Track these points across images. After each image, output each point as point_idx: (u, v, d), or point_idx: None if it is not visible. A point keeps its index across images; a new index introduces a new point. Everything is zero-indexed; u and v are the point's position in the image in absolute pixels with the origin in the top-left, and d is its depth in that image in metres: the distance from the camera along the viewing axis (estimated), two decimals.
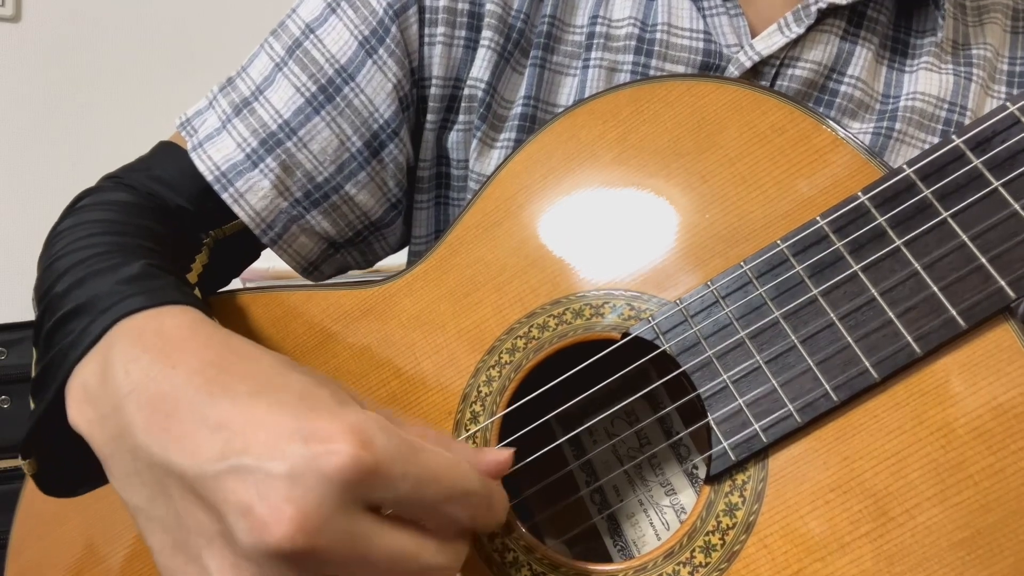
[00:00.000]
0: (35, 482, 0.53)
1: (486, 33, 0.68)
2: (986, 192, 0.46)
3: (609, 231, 0.55)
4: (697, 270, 0.52)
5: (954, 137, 0.48)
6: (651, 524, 0.57)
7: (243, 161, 0.66)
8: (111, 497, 0.61)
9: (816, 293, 0.48)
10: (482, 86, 0.68)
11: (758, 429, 0.47)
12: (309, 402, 0.39)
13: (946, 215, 0.47)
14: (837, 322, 0.47)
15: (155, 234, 0.62)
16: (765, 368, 0.48)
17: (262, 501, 0.36)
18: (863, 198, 0.49)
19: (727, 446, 0.48)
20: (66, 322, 0.51)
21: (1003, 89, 0.67)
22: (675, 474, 0.58)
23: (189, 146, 0.68)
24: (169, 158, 0.69)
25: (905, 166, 0.48)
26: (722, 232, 0.52)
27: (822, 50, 0.65)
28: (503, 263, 0.57)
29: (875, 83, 0.66)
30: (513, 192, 0.58)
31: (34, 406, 0.52)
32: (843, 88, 0.65)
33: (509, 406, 0.54)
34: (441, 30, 0.67)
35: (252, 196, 0.67)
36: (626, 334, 0.52)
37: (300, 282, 0.72)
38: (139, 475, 0.42)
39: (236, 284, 0.72)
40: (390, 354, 0.58)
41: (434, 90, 0.69)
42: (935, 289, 0.46)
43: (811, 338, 0.48)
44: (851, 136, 0.52)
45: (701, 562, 0.47)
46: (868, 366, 0.46)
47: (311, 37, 0.68)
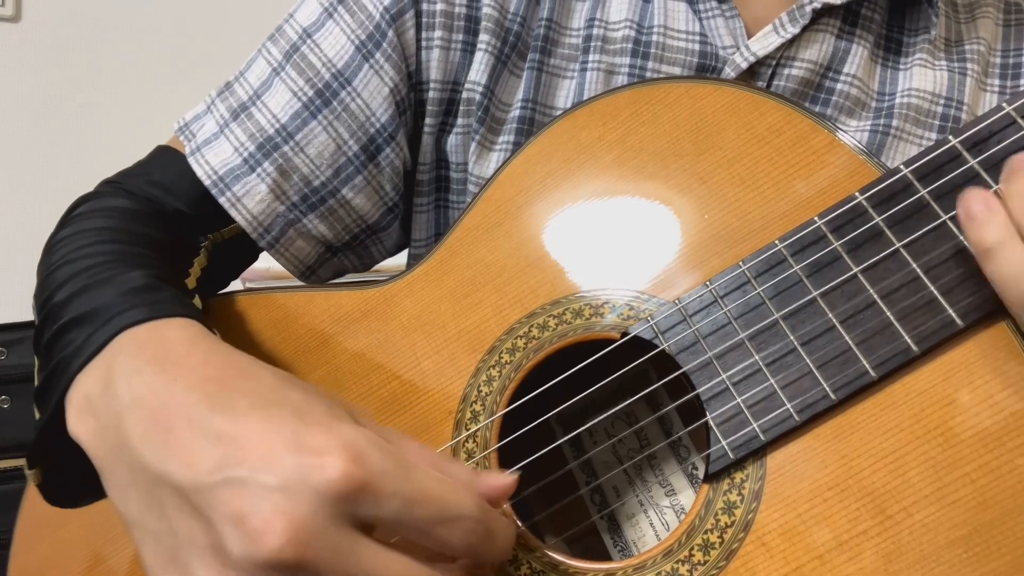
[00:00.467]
0: (40, 492, 0.53)
1: (483, 37, 0.68)
2: None
3: (608, 232, 0.55)
4: (696, 270, 0.52)
5: (950, 138, 0.48)
6: (651, 524, 0.58)
7: (240, 165, 0.67)
8: None
9: (814, 293, 0.49)
10: (480, 89, 0.68)
11: (756, 428, 0.47)
12: (305, 417, 0.39)
13: (943, 215, 0.47)
14: (835, 322, 0.48)
15: (154, 240, 0.62)
16: (763, 367, 0.48)
17: (254, 512, 0.36)
18: (860, 198, 0.49)
19: (726, 445, 0.48)
20: (67, 331, 0.51)
21: (996, 82, 0.68)
22: (675, 474, 0.59)
23: (187, 151, 0.68)
24: (167, 162, 0.69)
25: (902, 166, 0.49)
26: (721, 232, 0.53)
27: (817, 49, 0.65)
28: (503, 264, 0.57)
29: (871, 81, 0.66)
30: (513, 194, 0.58)
31: (38, 416, 0.52)
32: (839, 86, 0.65)
33: (509, 406, 0.54)
34: (438, 34, 0.68)
35: (249, 200, 0.67)
36: (625, 334, 0.52)
37: (300, 283, 0.72)
38: (135, 486, 0.42)
39: (236, 284, 0.72)
40: (391, 354, 0.58)
41: (432, 94, 0.69)
42: (932, 288, 0.46)
43: (809, 337, 0.48)
44: (848, 137, 0.52)
45: (700, 560, 0.47)
46: (866, 365, 0.46)
47: (308, 42, 0.68)
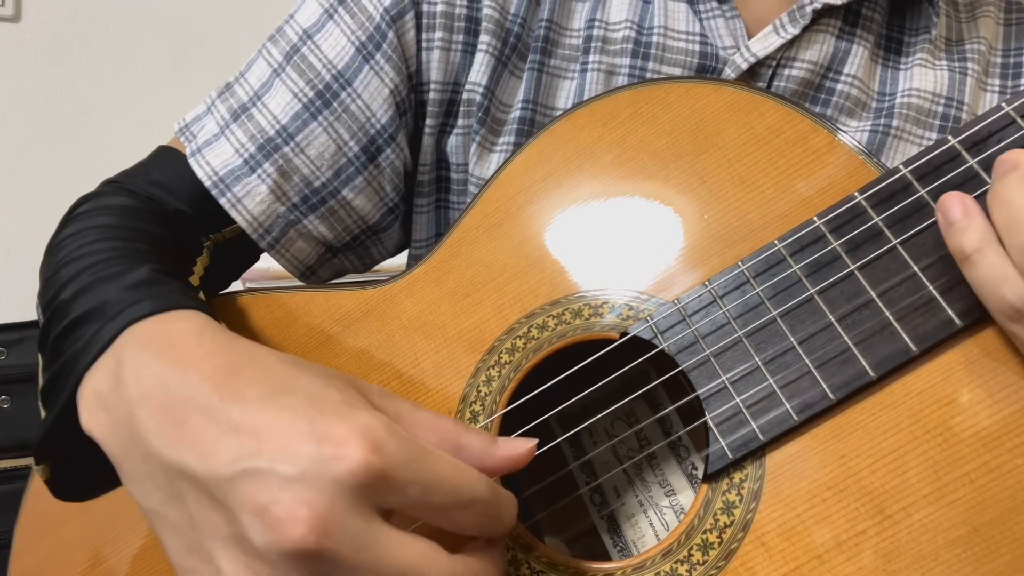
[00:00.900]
0: (49, 488, 0.53)
1: (484, 37, 0.68)
2: (982, 192, 0.47)
3: (608, 232, 0.55)
4: (695, 270, 0.52)
5: (950, 138, 0.48)
6: (650, 524, 0.58)
7: (241, 166, 0.67)
8: (114, 498, 0.62)
9: (813, 292, 0.49)
10: (480, 90, 0.68)
11: (755, 428, 0.47)
12: (319, 405, 0.39)
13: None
14: (834, 321, 0.48)
15: (156, 238, 0.62)
16: (762, 367, 0.48)
17: (276, 502, 0.36)
18: (860, 198, 0.49)
19: (725, 445, 0.48)
20: (74, 328, 0.51)
21: (997, 82, 0.68)
22: (674, 474, 0.59)
23: (188, 151, 0.68)
24: (168, 163, 0.69)
25: (901, 166, 0.49)
26: (720, 232, 0.53)
27: (818, 50, 0.65)
28: (503, 264, 0.57)
29: (871, 81, 0.66)
30: (513, 194, 0.59)
31: (45, 413, 0.52)
32: (840, 87, 0.65)
33: (509, 406, 0.54)
34: (439, 35, 0.68)
35: (249, 201, 0.67)
36: (624, 334, 0.53)
37: (300, 283, 0.72)
38: (152, 479, 0.42)
39: (236, 284, 0.72)
40: (391, 354, 0.58)
41: (432, 95, 0.69)
42: (931, 288, 0.46)
43: (808, 337, 0.48)
44: (848, 137, 0.52)
45: (699, 560, 0.47)
46: (865, 365, 0.46)
47: (308, 43, 0.68)
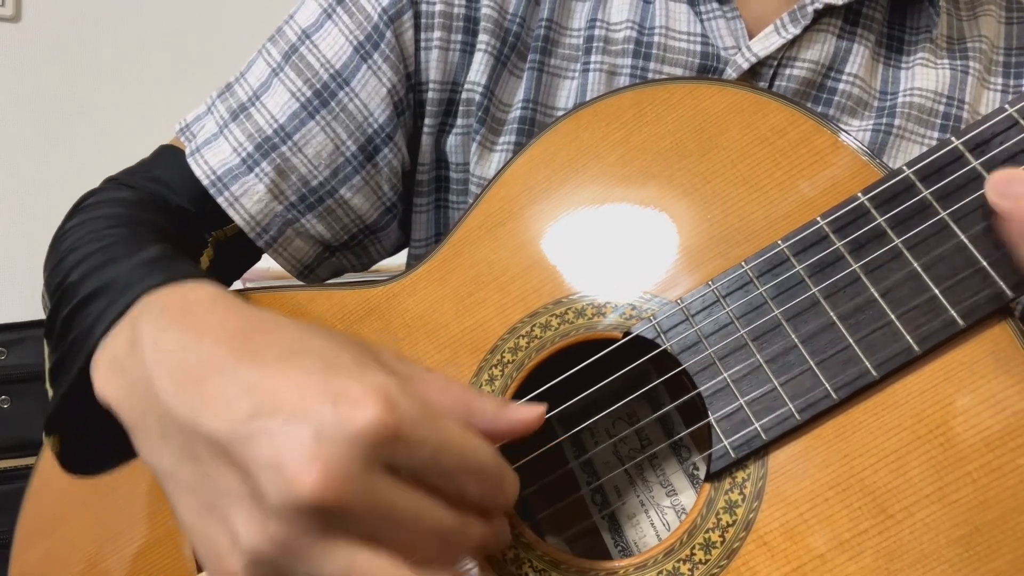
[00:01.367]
0: (58, 460, 0.53)
1: (482, 37, 0.68)
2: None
3: (611, 232, 0.55)
4: (698, 270, 0.53)
5: (953, 139, 0.48)
6: (652, 525, 0.58)
7: (238, 165, 0.67)
8: (114, 496, 0.62)
9: (816, 292, 0.49)
10: (480, 90, 0.68)
11: (758, 427, 0.48)
12: (333, 365, 0.40)
13: (945, 215, 0.47)
14: (837, 321, 0.48)
15: (162, 227, 0.62)
16: (765, 367, 0.49)
17: (290, 458, 0.37)
18: (863, 198, 0.49)
19: (727, 444, 0.48)
20: (85, 305, 0.51)
21: (999, 80, 0.68)
22: (676, 474, 0.59)
23: (187, 151, 0.68)
24: (170, 161, 0.69)
25: (904, 167, 0.49)
26: (723, 233, 0.53)
27: (819, 49, 0.65)
28: (506, 263, 0.57)
29: (873, 80, 0.67)
30: (516, 193, 0.59)
31: (54, 389, 0.52)
32: (841, 86, 0.66)
33: None
34: (437, 34, 0.68)
35: (247, 200, 0.67)
36: (627, 333, 0.53)
37: (300, 282, 0.72)
38: (167, 440, 0.42)
39: (237, 284, 0.72)
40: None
41: (431, 94, 0.69)
42: (934, 289, 0.46)
43: (811, 337, 0.48)
44: (851, 138, 0.52)
45: (701, 559, 0.47)
46: (868, 365, 0.46)
47: (307, 43, 0.68)
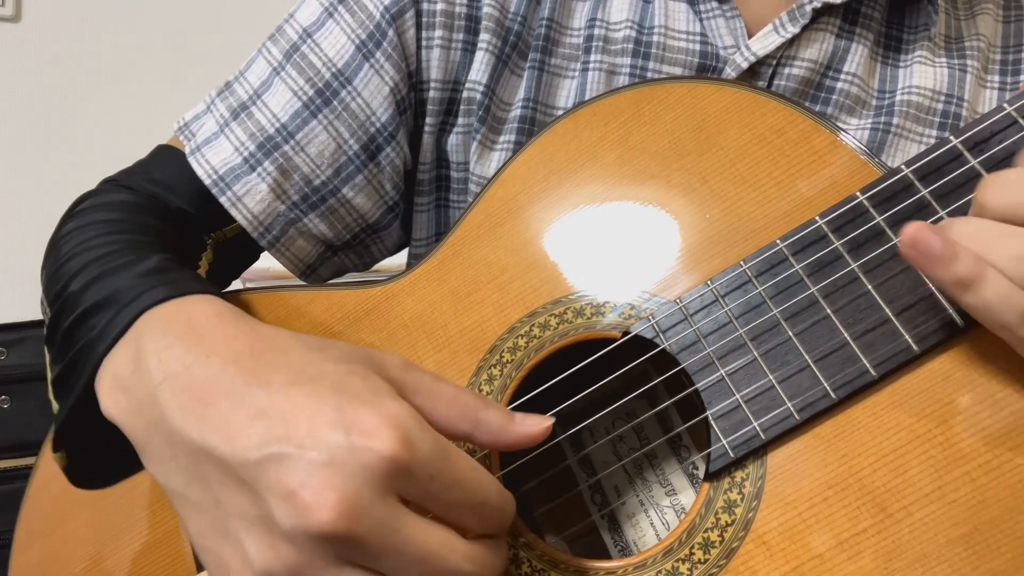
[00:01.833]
0: (67, 476, 0.54)
1: (484, 36, 0.68)
2: None
3: (610, 231, 0.55)
4: (697, 270, 0.53)
5: (951, 137, 0.48)
6: (651, 524, 0.58)
7: (241, 165, 0.67)
8: (114, 496, 0.62)
9: (815, 292, 0.49)
10: (480, 89, 0.68)
11: (757, 427, 0.48)
12: (345, 393, 0.40)
13: (944, 214, 0.47)
14: (836, 320, 0.48)
15: (161, 232, 0.62)
16: (764, 366, 0.49)
17: (304, 487, 0.37)
18: (861, 198, 0.49)
19: (726, 444, 0.48)
20: (87, 318, 0.51)
21: (997, 79, 0.68)
22: (675, 474, 0.59)
23: (187, 150, 0.68)
24: (168, 161, 0.69)
25: (903, 166, 0.49)
26: (722, 232, 0.53)
27: (818, 48, 0.65)
28: (505, 263, 0.57)
29: (871, 79, 0.67)
30: (515, 193, 0.59)
31: (58, 403, 0.52)
32: (840, 85, 0.66)
33: (510, 404, 0.54)
34: (439, 33, 0.68)
35: (250, 199, 0.67)
36: (626, 333, 0.53)
37: (300, 282, 0.72)
38: (176, 460, 0.42)
39: (236, 284, 0.72)
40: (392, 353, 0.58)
41: (432, 93, 0.69)
42: (933, 288, 0.46)
43: (810, 336, 0.48)
44: (850, 137, 0.52)
45: (700, 559, 0.47)
46: (867, 364, 0.46)
47: (308, 41, 0.68)
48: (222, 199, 0.67)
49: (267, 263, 0.74)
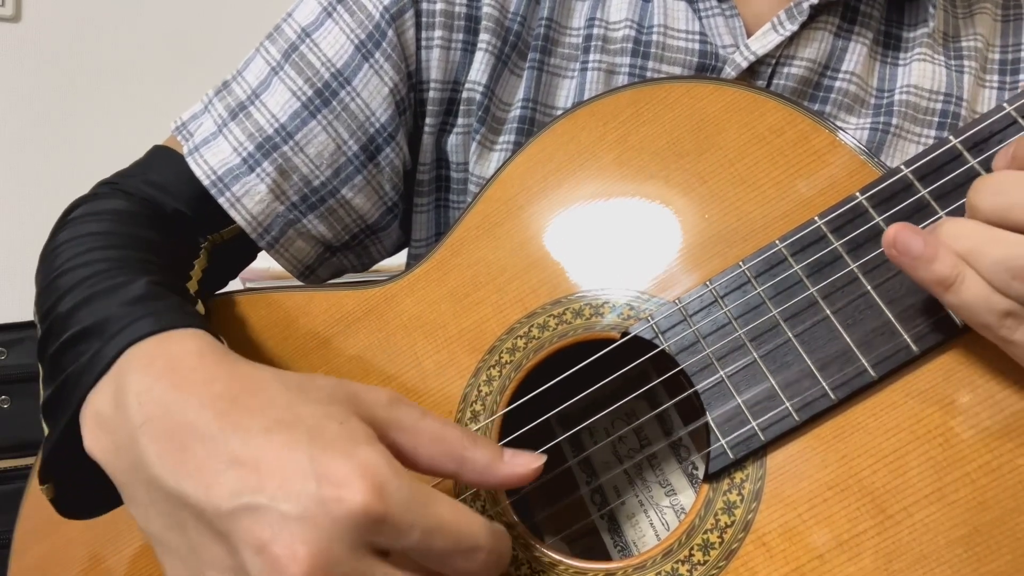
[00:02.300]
0: (54, 506, 0.53)
1: (483, 36, 0.68)
2: None
3: (609, 232, 0.55)
4: (696, 270, 0.52)
5: (951, 137, 0.48)
6: (651, 524, 0.58)
7: (239, 165, 0.66)
8: None
9: (814, 292, 0.49)
10: (480, 89, 0.68)
11: (756, 428, 0.47)
12: (320, 440, 0.40)
13: (944, 214, 0.47)
14: (835, 321, 0.48)
15: (153, 244, 0.62)
16: (763, 367, 0.48)
17: (275, 540, 0.37)
18: (861, 198, 0.49)
19: (725, 444, 0.48)
20: (74, 344, 0.51)
21: (996, 78, 0.68)
22: (675, 474, 0.59)
23: (185, 150, 0.68)
24: (165, 162, 0.69)
25: (903, 166, 0.49)
26: (721, 232, 0.53)
27: (816, 47, 0.65)
28: (504, 263, 0.57)
29: (870, 78, 0.66)
30: (514, 193, 0.59)
31: (48, 431, 0.52)
32: (838, 84, 0.66)
33: (509, 405, 0.54)
34: (438, 33, 0.68)
35: (249, 200, 0.67)
36: (625, 333, 0.53)
37: (299, 283, 0.72)
38: (155, 505, 0.42)
39: (235, 284, 0.72)
40: (391, 354, 0.58)
41: (432, 93, 0.69)
42: None
43: (809, 337, 0.48)
44: (849, 137, 0.52)
45: (699, 560, 0.47)
46: (866, 365, 0.46)
47: (307, 41, 0.68)
48: (221, 200, 0.66)
49: (266, 263, 0.74)
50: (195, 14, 2.12)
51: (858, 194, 0.49)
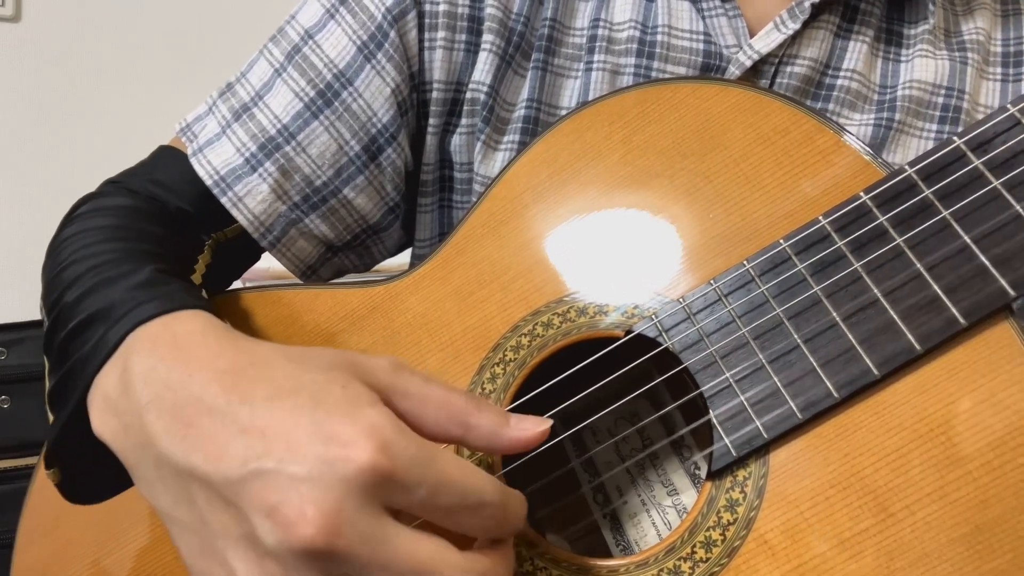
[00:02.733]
0: (60, 491, 0.54)
1: (487, 37, 0.68)
2: (987, 192, 0.47)
3: (613, 231, 0.56)
4: (700, 269, 0.53)
5: (955, 138, 0.48)
6: (653, 524, 0.58)
7: (242, 166, 0.67)
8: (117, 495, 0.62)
9: (818, 291, 0.49)
10: (484, 89, 0.68)
11: (759, 426, 0.48)
12: (325, 404, 0.40)
13: (947, 214, 0.47)
14: (839, 320, 0.48)
15: (158, 237, 0.62)
16: (767, 365, 0.49)
17: (285, 503, 0.37)
18: (865, 198, 0.49)
19: (728, 442, 0.48)
20: (81, 332, 0.51)
21: (999, 71, 0.68)
22: (677, 473, 0.59)
23: (189, 151, 0.68)
24: (170, 162, 0.69)
25: (907, 167, 0.49)
26: (725, 232, 0.53)
27: (818, 47, 0.65)
28: (508, 262, 0.57)
29: (871, 75, 0.67)
30: (519, 192, 0.59)
31: (53, 417, 0.53)
32: (839, 82, 0.66)
33: (513, 403, 0.54)
34: (441, 34, 0.68)
35: (251, 200, 0.67)
36: (629, 332, 0.53)
37: (300, 282, 0.72)
38: (163, 481, 0.43)
39: (236, 285, 0.72)
40: (395, 351, 0.58)
41: (435, 94, 0.69)
42: (936, 288, 0.46)
43: (813, 336, 0.48)
44: (854, 137, 0.52)
45: (702, 557, 0.47)
46: (869, 364, 0.47)
47: (310, 43, 0.68)
48: (223, 200, 0.67)
49: (267, 263, 0.74)
50: (195, 14, 2.12)
51: (862, 194, 0.49)
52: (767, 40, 0.64)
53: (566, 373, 0.53)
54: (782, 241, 0.50)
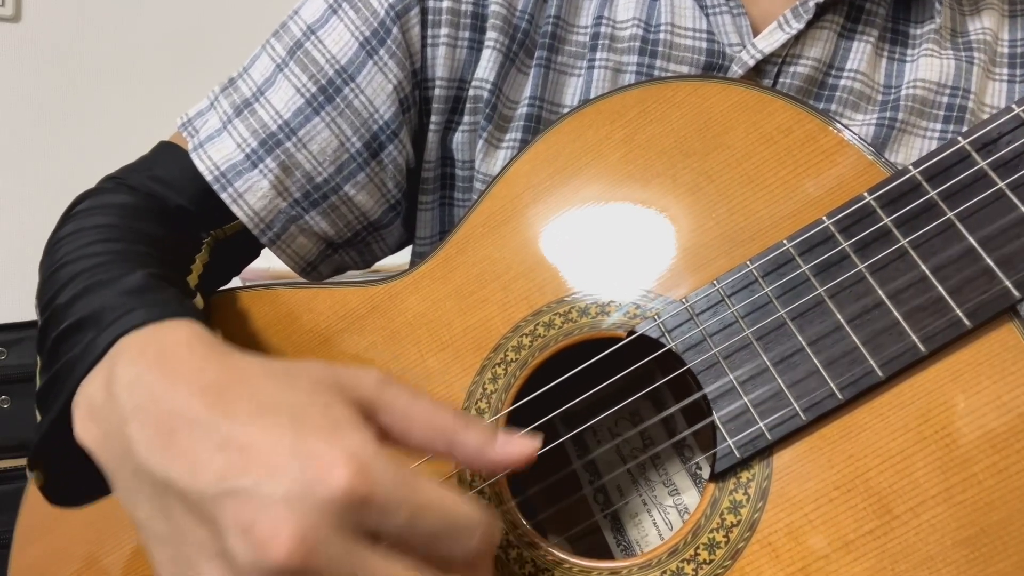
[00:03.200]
0: (43, 493, 0.53)
1: (491, 34, 0.68)
2: (992, 193, 0.47)
3: (615, 230, 0.55)
4: (703, 269, 0.52)
5: (960, 138, 0.48)
6: (654, 524, 0.58)
7: (243, 161, 0.67)
8: (114, 496, 0.62)
9: (821, 292, 0.49)
10: (487, 87, 0.68)
11: (763, 427, 0.47)
12: (305, 423, 0.39)
13: (951, 215, 0.47)
14: (843, 321, 0.48)
15: (155, 238, 0.62)
16: (770, 366, 0.48)
17: (259, 522, 0.36)
18: (869, 198, 0.49)
19: (732, 444, 0.48)
20: (71, 334, 0.51)
21: (1006, 71, 0.68)
22: (678, 474, 0.59)
23: (190, 146, 0.68)
24: (170, 158, 0.69)
25: (911, 167, 0.49)
26: (728, 232, 0.53)
27: (821, 47, 0.65)
28: (509, 261, 0.57)
29: (875, 75, 0.67)
30: (520, 191, 0.58)
31: (40, 418, 0.52)
32: (842, 82, 0.66)
33: (514, 404, 0.54)
34: (445, 31, 0.68)
35: (251, 196, 0.67)
36: (631, 332, 0.52)
37: (300, 280, 0.72)
38: (142, 492, 0.42)
39: (235, 283, 0.72)
40: (395, 351, 0.58)
41: (438, 91, 0.69)
42: (941, 289, 0.46)
43: (816, 337, 0.48)
44: (857, 137, 0.52)
45: (705, 559, 0.47)
46: (873, 365, 0.46)
47: (312, 38, 0.68)
48: (223, 195, 0.67)
49: (266, 263, 0.74)
50: (195, 14, 2.12)
51: (866, 194, 0.49)
52: (771, 39, 0.64)
53: (568, 374, 0.53)
54: (785, 242, 0.50)
